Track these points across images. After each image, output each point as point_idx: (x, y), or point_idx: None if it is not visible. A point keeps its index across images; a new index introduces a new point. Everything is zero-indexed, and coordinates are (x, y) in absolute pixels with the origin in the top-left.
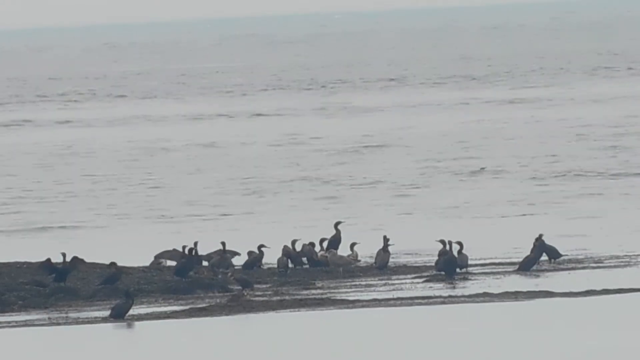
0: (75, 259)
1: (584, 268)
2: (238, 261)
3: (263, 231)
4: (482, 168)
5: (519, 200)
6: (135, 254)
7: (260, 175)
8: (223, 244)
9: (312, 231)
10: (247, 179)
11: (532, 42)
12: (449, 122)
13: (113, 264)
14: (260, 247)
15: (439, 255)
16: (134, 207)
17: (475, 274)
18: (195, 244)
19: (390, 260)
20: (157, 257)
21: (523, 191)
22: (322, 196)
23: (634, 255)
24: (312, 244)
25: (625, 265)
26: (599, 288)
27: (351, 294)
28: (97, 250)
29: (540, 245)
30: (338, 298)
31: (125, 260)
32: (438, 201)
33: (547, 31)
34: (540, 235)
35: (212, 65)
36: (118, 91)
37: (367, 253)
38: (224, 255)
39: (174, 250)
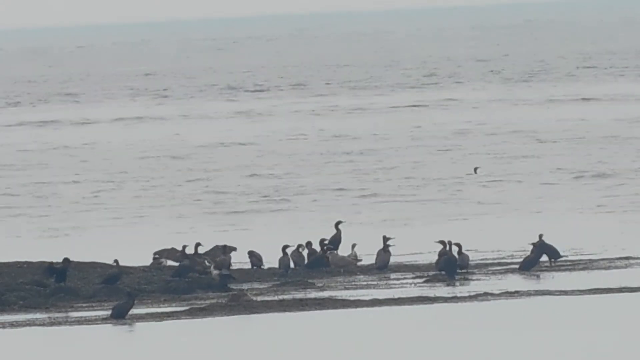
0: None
1: (584, 268)
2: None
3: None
4: (476, 168)
5: (520, 200)
6: (136, 253)
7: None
8: (224, 246)
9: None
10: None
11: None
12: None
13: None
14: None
15: (439, 255)
16: (137, 206)
17: (475, 274)
18: (197, 245)
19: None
20: (156, 254)
21: (524, 191)
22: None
23: (635, 255)
24: (309, 244)
25: (625, 266)
26: (599, 288)
27: (351, 294)
28: (97, 250)
29: (540, 246)
30: (338, 298)
31: (126, 260)
32: (439, 201)
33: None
34: (541, 236)
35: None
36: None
37: (367, 253)
38: (225, 256)
39: (172, 249)
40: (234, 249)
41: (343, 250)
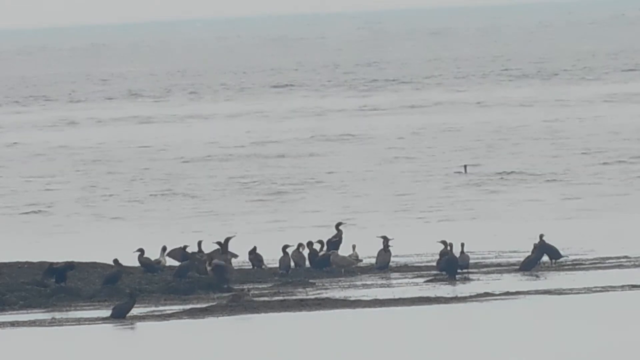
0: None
1: (585, 268)
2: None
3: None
4: (465, 166)
5: (519, 201)
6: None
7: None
8: (227, 242)
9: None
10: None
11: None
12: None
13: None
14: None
15: (441, 255)
16: (135, 206)
17: (476, 274)
18: (199, 243)
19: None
20: (167, 254)
21: (524, 191)
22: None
23: (634, 255)
24: (310, 243)
25: (625, 265)
26: (599, 287)
27: (352, 294)
28: (98, 250)
29: (541, 246)
30: (339, 298)
31: (127, 260)
32: (440, 201)
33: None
34: (542, 236)
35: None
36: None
37: (368, 253)
38: (224, 256)
39: (179, 249)
40: (236, 255)
41: (343, 251)
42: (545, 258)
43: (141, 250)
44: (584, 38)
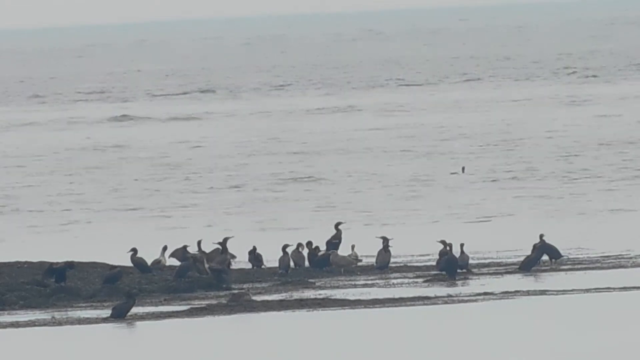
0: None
1: (584, 268)
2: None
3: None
4: (463, 167)
5: (519, 201)
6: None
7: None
8: (225, 242)
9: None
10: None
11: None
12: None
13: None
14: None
15: (440, 255)
16: (134, 205)
17: (476, 274)
18: (199, 243)
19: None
20: (170, 255)
21: (522, 191)
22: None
23: (634, 255)
24: (309, 243)
25: (625, 265)
26: (598, 287)
27: (352, 293)
28: (97, 249)
29: (541, 246)
30: (338, 298)
31: (126, 260)
32: (441, 201)
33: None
34: (542, 236)
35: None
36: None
37: (368, 253)
38: (223, 256)
39: (181, 249)
40: (234, 256)
41: (343, 251)
42: (545, 258)
43: (134, 250)
44: (584, 38)
